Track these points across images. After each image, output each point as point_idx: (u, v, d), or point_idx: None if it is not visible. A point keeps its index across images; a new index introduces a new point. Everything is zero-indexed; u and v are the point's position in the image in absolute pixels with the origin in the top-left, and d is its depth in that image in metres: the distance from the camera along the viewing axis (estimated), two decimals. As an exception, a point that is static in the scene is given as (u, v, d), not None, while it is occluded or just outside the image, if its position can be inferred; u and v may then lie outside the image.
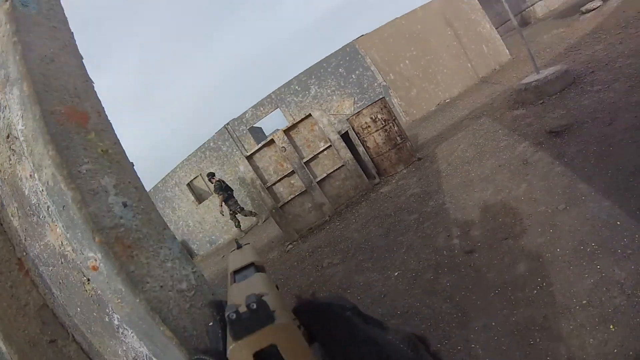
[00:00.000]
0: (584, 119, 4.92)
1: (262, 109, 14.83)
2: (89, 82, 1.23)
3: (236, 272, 0.77)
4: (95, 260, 1.03)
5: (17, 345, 1.26)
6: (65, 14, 1.29)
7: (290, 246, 7.82)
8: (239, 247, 0.94)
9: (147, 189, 15.10)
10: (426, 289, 3.63)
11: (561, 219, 3.37)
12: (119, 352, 1.23)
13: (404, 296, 3.73)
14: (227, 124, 15.08)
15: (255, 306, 0.48)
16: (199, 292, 1.14)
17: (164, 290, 1.07)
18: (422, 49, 13.79)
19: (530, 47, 7.18)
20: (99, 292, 1.14)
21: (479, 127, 7.39)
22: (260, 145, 8.16)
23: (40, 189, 1.10)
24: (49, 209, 1.12)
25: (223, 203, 12.76)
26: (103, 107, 1.25)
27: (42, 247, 1.23)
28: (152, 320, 1.02)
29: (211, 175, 12.90)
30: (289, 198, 8.15)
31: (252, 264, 0.78)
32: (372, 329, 0.64)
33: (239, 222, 13.43)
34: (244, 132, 15.03)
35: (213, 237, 16.08)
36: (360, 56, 13.54)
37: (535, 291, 2.78)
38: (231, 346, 0.48)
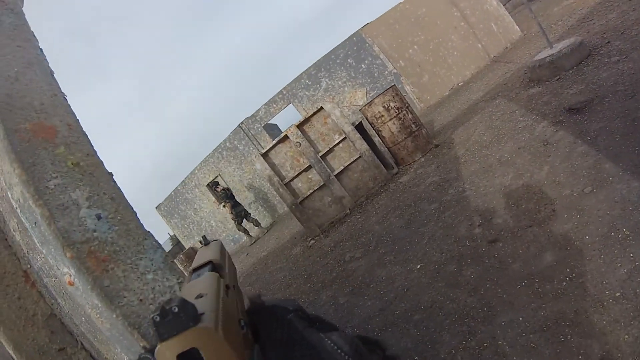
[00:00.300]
0: (605, 93, 4.73)
1: (274, 105, 14.80)
2: (58, 96, 1.22)
3: (195, 270, 0.75)
4: (70, 275, 1.00)
5: (27, 354, 1.25)
6: (32, 31, 1.27)
7: (312, 241, 7.80)
8: (206, 243, 0.90)
9: (169, 192, 15.31)
10: (450, 282, 3.54)
11: (588, 202, 3.23)
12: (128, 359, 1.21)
13: (427, 290, 3.66)
14: (242, 122, 15.09)
15: (176, 309, 0.47)
16: None
17: (143, 304, 1.03)
18: (430, 33, 13.53)
19: (541, 21, 6.97)
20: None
21: (495, 109, 7.21)
22: (274, 141, 8.13)
23: (15, 206, 1.08)
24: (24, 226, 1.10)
25: (232, 211, 12.86)
26: (76, 119, 1.23)
27: (42, 259, 1.22)
28: (131, 336, 0.98)
29: (215, 184, 13.00)
30: (308, 193, 8.10)
31: (209, 262, 0.75)
32: (312, 332, 0.62)
33: (246, 230, 13.58)
34: (259, 129, 15.04)
35: (236, 236, 16.17)
36: (367, 45, 13.36)
37: (565, 283, 2.66)
38: (157, 347, 0.48)
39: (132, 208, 1.21)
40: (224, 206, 13.01)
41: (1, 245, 1.29)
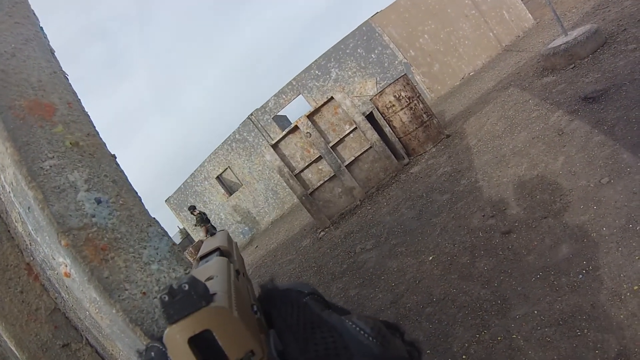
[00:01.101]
0: (622, 81, 4.62)
1: (284, 96, 14.75)
2: (58, 73, 1.16)
3: (202, 257, 0.72)
4: (66, 266, 0.94)
5: (30, 351, 1.21)
6: (32, 9, 1.24)
7: (322, 233, 7.78)
8: (213, 234, 0.87)
9: (178, 185, 15.40)
10: (462, 274, 3.49)
11: (605, 193, 3.15)
12: (131, 357, 1.16)
13: (440, 282, 3.61)
14: (251, 114, 15.07)
15: (187, 287, 0.43)
16: None
17: (147, 298, 0.96)
18: (440, 22, 13.38)
19: (554, 8, 6.81)
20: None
21: (508, 98, 7.11)
22: (284, 132, 8.08)
23: (8, 190, 1.03)
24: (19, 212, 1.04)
25: (207, 235, 12.95)
26: (77, 99, 1.17)
27: (44, 250, 1.17)
28: (134, 333, 0.92)
29: (192, 208, 13.11)
30: (318, 184, 8.06)
31: (217, 249, 0.73)
32: (331, 315, 0.59)
33: None
34: (269, 121, 15.01)
35: (246, 228, 16.23)
36: (377, 34, 13.24)
37: (581, 276, 2.59)
38: (166, 330, 0.44)
39: (136, 192, 1.14)
40: (201, 225, 13.10)
41: (3, 237, 1.24)
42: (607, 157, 3.54)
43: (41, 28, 1.23)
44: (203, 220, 12.86)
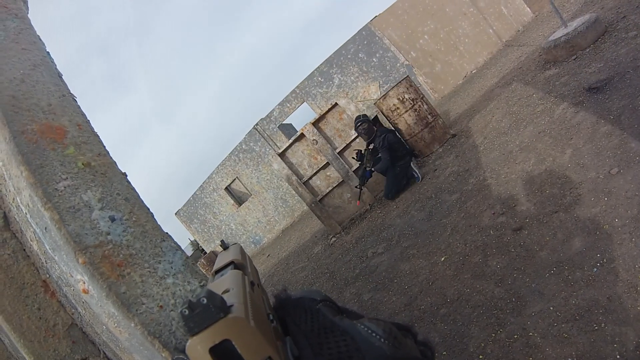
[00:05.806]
0: (625, 69, 4.58)
1: (288, 105, 14.81)
2: (67, 96, 1.20)
3: (217, 271, 0.75)
4: (84, 282, 0.96)
5: None
6: (37, 34, 1.29)
7: (333, 239, 7.78)
8: (226, 247, 0.89)
9: (187, 198, 15.42)
10: (475, 273, 3.47)
11: (616, 184, 3.11)
12: None
13: (453, 282, 3.59)
14: (256, 124, 15.14)
15: (205, 300, 0.46)
16: None
17: (163, 311, 0.99)
18: (439, 21, 13.37)
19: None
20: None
21: (511, 94, 7.08)
22: (291, 140, 8.11)
23: (24, 212, 1.06)
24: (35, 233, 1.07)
25: None
26: (86, 120, 1.21)
27: (60, 268, 1.19)
28: (152, 346, 0.94)
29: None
30: (327, 190, 8.07)
31: (231, 263, 0.76)
32: (343, 319, 0.61)
33: None
34: (274, 130, 15.08)
35: (257, 238, 16.26)
36: (377, 38, 13.27)
37: (596, 269, 2.56)
38: (188, 342, 0.46)
39: (148, 208, 1.17)
40: None
41: (19, 256, 1.27)
42: (615, 147, 3.50)
43: (48, 53, 1.27)
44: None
